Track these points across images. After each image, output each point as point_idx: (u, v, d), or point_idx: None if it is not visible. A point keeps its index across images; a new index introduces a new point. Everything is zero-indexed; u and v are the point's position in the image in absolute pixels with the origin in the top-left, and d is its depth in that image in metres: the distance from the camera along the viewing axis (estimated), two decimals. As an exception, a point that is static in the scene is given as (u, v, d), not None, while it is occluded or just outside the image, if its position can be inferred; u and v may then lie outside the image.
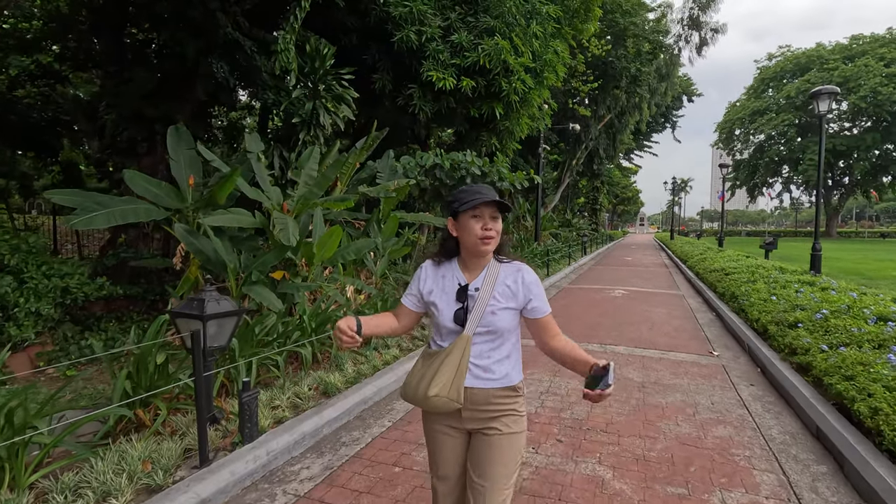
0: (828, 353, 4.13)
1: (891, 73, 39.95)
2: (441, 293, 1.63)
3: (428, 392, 1.53)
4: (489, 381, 1.58)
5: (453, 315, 1.59)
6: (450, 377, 1.54)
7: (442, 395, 1.53)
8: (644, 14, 22.22)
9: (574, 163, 25.66)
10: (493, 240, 1.57)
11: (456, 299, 1.60)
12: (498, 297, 1.59)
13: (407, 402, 1.67)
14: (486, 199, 1.52)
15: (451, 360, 1.56)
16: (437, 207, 11.65)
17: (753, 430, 3.52)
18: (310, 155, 6.43)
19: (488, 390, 1.58)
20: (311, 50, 7.24)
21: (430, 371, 1.56)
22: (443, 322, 1.61)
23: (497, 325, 1.57)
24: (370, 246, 6.42)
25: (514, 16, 9.93)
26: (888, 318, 4.69)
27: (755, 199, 55.65)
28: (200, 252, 4.94)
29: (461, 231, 1.59)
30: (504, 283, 1.61)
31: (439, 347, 1.62)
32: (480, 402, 1.58)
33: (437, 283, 1.66)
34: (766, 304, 6.34)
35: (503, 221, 1.63)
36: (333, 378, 4.01)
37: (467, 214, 1.55)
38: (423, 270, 1.72)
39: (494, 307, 1.57)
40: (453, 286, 1.62)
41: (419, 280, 1.71)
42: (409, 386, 1.63)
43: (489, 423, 1.59)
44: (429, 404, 1.57)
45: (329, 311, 4.89)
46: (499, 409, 1.59)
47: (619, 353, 5.60)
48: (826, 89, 8.64)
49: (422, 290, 1.68)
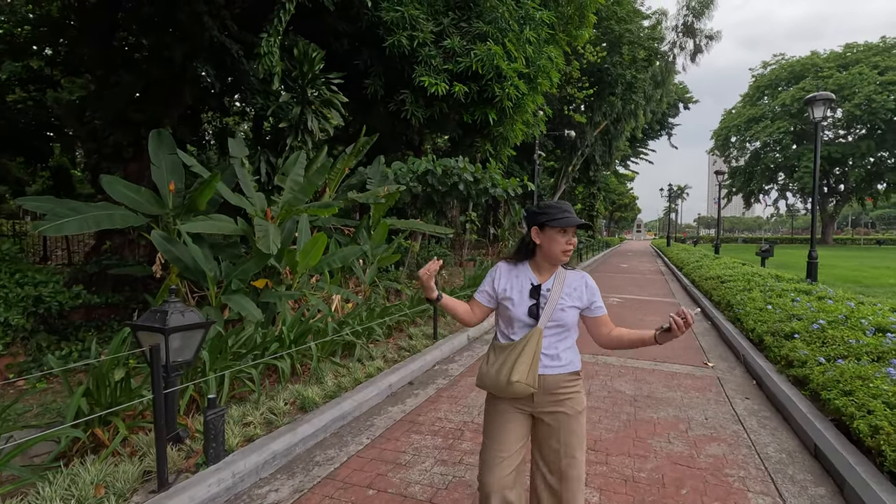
0: (825, 366, 3.98)
1: (885, 81, 40.18)
2: (515, 290, 1.87)
3: (511, 378, 1.76)
4: (558, 367, 1.83)
5: (527, 310, 1.83)
6: (528, 365, 1.78)
7: (522, 381, 1.76)
8: (639, 21, 22.26)
9: (570, 169, 25.62)
10: (572, 252, 1.86)
11: (529, 296, 1.84)
12: (565, 297, 1.85)
13: (485, 389, 1.89)
14: (577, 223, 1.79)
15: (528, 350, 1.79)
16: (429, 214, 11.52)
17: (748, 447, 3.36)
18: (296, 160, 6.29)
19: (558, 376, 1.83)
20: (299, 54, 7.12)
21: (510, 360, 1.79)
22: (517, 315, 1.84)
23: (565, 320, 1.83)
24: (357, 253, 6.27)
25: (507, 21, 9.86)
26: (887, 329, 4.55)
27: (751, 205, 55.75)
28: (178, 260, 4.78)
29: (546, 241, 1.84)
30: (571, 286, 1.88)
31: (509, 340, 1.85)
32: (551, 387, 1.82)
33: (511, 281, 1.90)
34: (761, 313, 6.20)
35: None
36: (311, 392, 3.84)
37: (556, 229, 1.81)
38: (498, 270, 1.96)
39: (563, 304, 1.83)
40: (526, 285, 1.87)
41: (494, 279, 1.94)
42: (488, 375, 1.84)
43: (558, 406, 1.83)
44: (510, 390, 1.78)
45: (310, 321, 4.72)
46: (566, 393, 1.84)
47: (612, 364, 5.44)
48: (821, 95, 8.56)
49: (496, 288, 1.92)
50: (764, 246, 16.15)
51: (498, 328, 1.95)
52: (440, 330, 6.31)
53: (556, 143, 24.75)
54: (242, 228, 5.31)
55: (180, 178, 5.72)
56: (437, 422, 3.74)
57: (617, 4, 20.35)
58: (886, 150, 43.89)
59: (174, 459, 2.74)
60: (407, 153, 13.76)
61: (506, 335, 1.89)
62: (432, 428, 3.62)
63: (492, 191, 10.11)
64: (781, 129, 45.83)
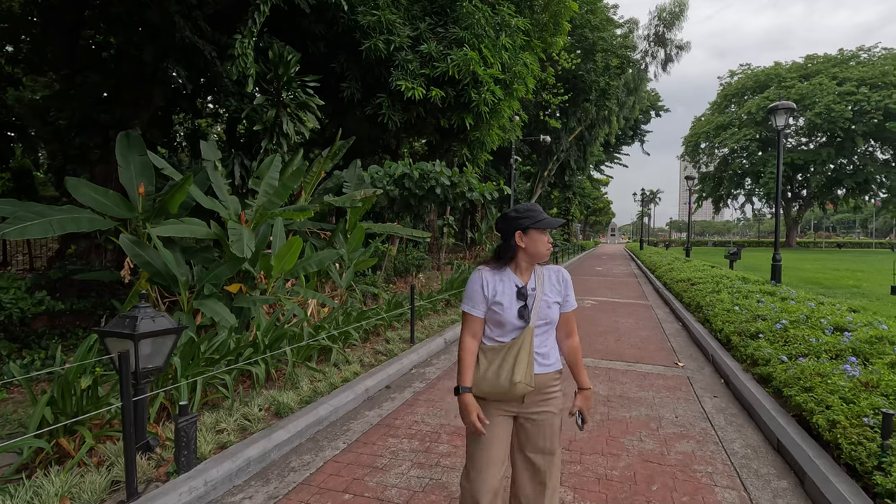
0: (787, 364, 4.15)
1: (843, 92, 42.08)
2: (503, 295, 1.87)
3: (514, 379, 1.79)
4: (547, 366, 1.88)
5: (517, 312, 1.85)
6: (526, 365, 1.81)
7: (524, 382, 1.79)
8: (612, 30, 22.79)
9: (546, 174, 25.98)
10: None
11: (517, 299, 1.86)
12: (548, 293, 1.91)
13: (483, 395, 1.85)
14: (560, 223, 1.94)
15: (524, 350, 1.82)
16: (406, 218, 11.51)
17: (716, 444, 3.47)
18: (270, 163, 6.22)
19: (547, 374, 1.88)
20: (274, 56, 7.05)
21: (509, 361, 1.81)
22: (508, 319, 1.85)
23: (552, 316, 1.89)
24: (333, 257, 6.23)
25: (483, 27, 9.97)
26: (844, 328, 4.77)
27: (720, 210, 57.49)
28: (148, 264, 4.67)
29: (531, 242, 1.89)
30: (550, 280, 1.94)
31: (499, 343, 1.87)
32: (542, 386, 1.87)
33: (497, 286, 1.90)
34: (729, 314, 6.41)
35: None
36: (287, 397, 3.80)
37: (538, 231, 1.88)
38: (483, 278, 1.93)
39: (548, 301, 1.89)
40: (511, 288, 1.89)
41: (483, 287, 1.91)
42: (486, 380, 1.83)
43: (546, 406, 1.88)
44: (513, 391, 1.80)
45: (285, 326, 4.67)
46: (552, 393, 1.90)
47: (586, 364, 5.54)
48: (783, 105, 8.93)
49: (487, 296, 1.89)
50: (732, 249, 16.69)
51: (486, 333, 1.93)
52: (417, 333, 6.31)
53: (532, 148, 25.08)
54: (216, 232, 5.22)
55: (150, 181, 5.58)
56: (413, 425, 3.75)
57: (591, 13, 20.79)
58: (845, 158, 45.95)
59: (144, 469, 2.68)
60: (385, 157, 13.73)
61: (492, 338, 1.89)
62: (409, 431, 3.62)
63: (469, 195, 10.18)
64: (748, 137, 47.47)
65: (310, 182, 7.59)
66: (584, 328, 7.51)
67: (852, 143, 43.74)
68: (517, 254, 1.92)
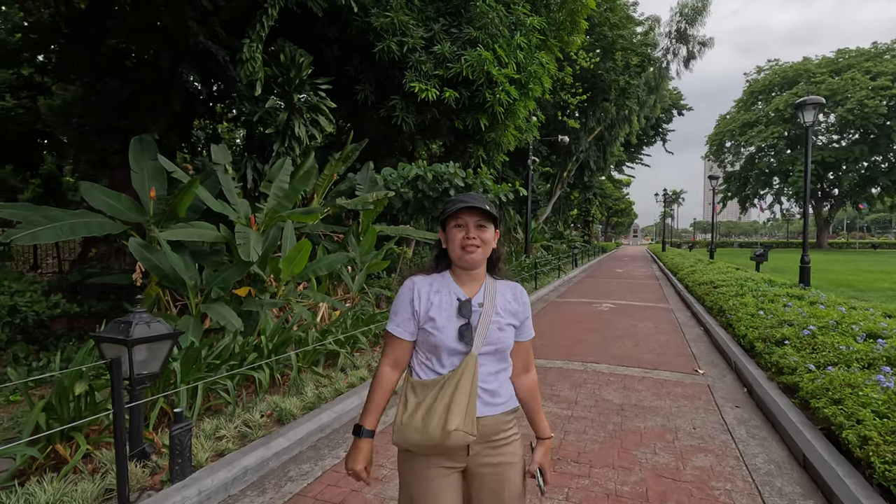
0: (815, 374, 3.91)
1: (877, 87, 40.46)
2: (439, 309, 1.42)
3: (447, 426, 1.30)
4: (497, 406, 1.43)
5: (457, 332, 1.39)
6: (465, 406, 1.33)
7: (461, 430, 1.31)
8: (632, 27, 22.36)
9: (565, 175, 25.63)
10: (478, 249, 1.41)
11: (458, 314, 1.41)
12: (501, 313, 1.45)
13: (407, 447, 1.37)
14: (465, 206, 1.39)
15: (463, 385, 1.35)
16: (420, 220, 11.45)
17: (736, 458, 3.27)
18: (281, 166, 6.21)
19: (498, 416, 1.42)
20: (285, 59, 7.06)
21: (442, 401, 1.34)
22: (444, 342, 1.39)
23: (505, 341, 1.43)
24: (343, 260, 6.18)
25: (497, 27, 9.84)
26: (878, 334, 4.49)
27: (747, 210, 55.92)
28: (157, 268, 4.68)
29: (447, 241, 1.45)
30: (504, 297, 1.49)
31: (433, 376, 1.40)
32: (491, 432, 1.41)
33: (432, 298, 1.44)
34: (753, 319, 6.13)
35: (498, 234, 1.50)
36: (290, 403, 3.74)
37: (451, 224, 1.43)
38: (414, 288, 1.47)
39: (500, 323, 1.43)
40: (451, 301, 1.43)
41: (413, 300, 1.45)
42: (411, 427, 1.34)
43: (498, 456, 1.42)
44: (447, 443, 1.32)
45: (292, 330, 4.62)
46: (506, 438, 1.44)
47: (601, 371, 5.35)
48: (811, 100, 8.55)
49: (418, 310, 1.44)
50: (758, 251, 16.13)
51: (416, 360, 1.47)
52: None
53: (550, 149, 24.76)
54: (225, 236, 5.22)
55: (162, 185, 5.63)
56: (418, 433, 3.64)
57: (610, 11, 20.44)
58: (879, 155, 44.17)
59: (138, 476, 2.64)
60: (401, 159, 13.71)
61: (429, 368, 1.43)
62: (413, 440, 3.52)
63: (483, 196, 10.04)
64: (775, 134, 46.07)
65: (322, 185, 7.58)
66: (601, 332, 7.29)
67: (888, 139, 41.98)
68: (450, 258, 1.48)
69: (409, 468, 1.42)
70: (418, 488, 1.39)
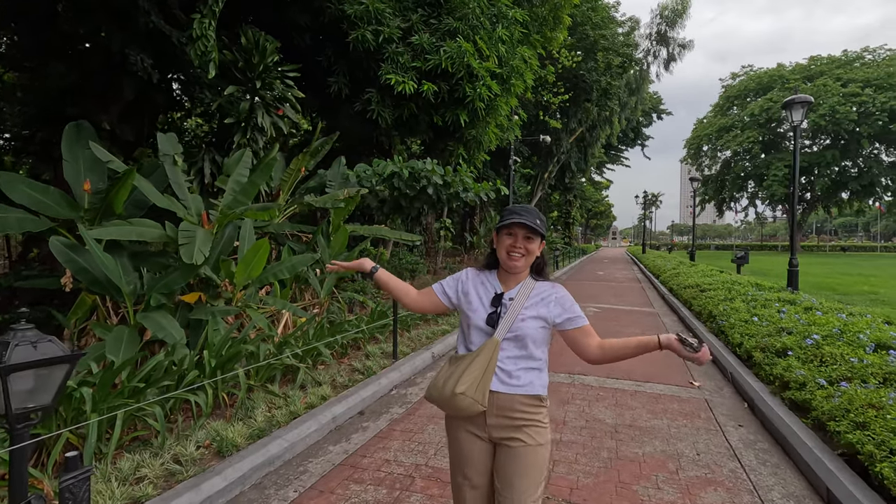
0: (828, 390, 3.52)
1: (847, 93, 41.45)
2: (477, 296, 1.74)
3: (455, 389, 1.58)
4: (514, 386, 1.64)
5: (486, 317, 1.68)
6: (477, 377, 1.60)
7: (468, 395, 1.58)
8: (614, 28, 22.22)
9: (546, 176, 25.37)
10: (521, 258, 1.67)
11: (490, 304, 1.70)
12: (528, 307, 1.68)
13: (431, 402, 1.70)
14: (515, 221, 1.64)
15: (479, 361, 1.63)
16: (397, 220, 10.91)
17: (750, 493, 2.84)
18: (239, 158, 5.62)
19: (513, 396, 1.63)
20: (248, 43, 6.47)
21: (459, 370, 1.63)
22: (475, 321, 1.70)
23: (525, 331, 1.65)
24: (309, 262, 5.61)
25: (478, 18, 9.40)
26: (888, 345, 4.15)
27: (723, 213, 56.84)
28: (85, 271, 4.06)
29: (497, 245, 1.74)
30: (539, 296, 1.72)
31: (467, 351, 1.70)
32: (506, 407, 1.63)
33: (476, 287, 1.77)
34: (747, 325, 5.79)
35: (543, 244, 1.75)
36: (234, 431, 3.18)
37: (503, 231, 1.70)
38: (466, 274, 1.84)
39: (525, 315, 1.67)
40: (489, 293, 1.74)
41: (459, 280, 1.82)
42: (436, 386, 1.68)
43: (514, 432, 1.63)
44: (454, 403, 1.60)
45: (242, 343, 4.05)
46: (524, 419, 1.63)
47: (590, 384, 4.91)
48: (799, 98, 8.33)
49: (458, 290, 1.79)
50: (739, 253, 16.07)
51: (460, 339, 1.79)
52: (401, 347, 5.69)
53: (531, 150, 24.47)
54: (171, 235, 4.61)
55: (101, 177, 4.99)
56: (383, 465, 3.12)
57: (592, 10, 20.23)
58: (850, 160, 45.26)
59: (17, 541, 2.06)
60: (380, 157, 13.14)
61: (465, 346, 1.74)
62: (377, 475, 3.00)
63: (463, 195, 9.57)
64: (750, 139, 46.83)
65: (288, 180, 7.00)
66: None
67: (857, 145, 43.06)
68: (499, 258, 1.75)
69: (449, 428, 1.77)
70: (453, 445, 1.75)
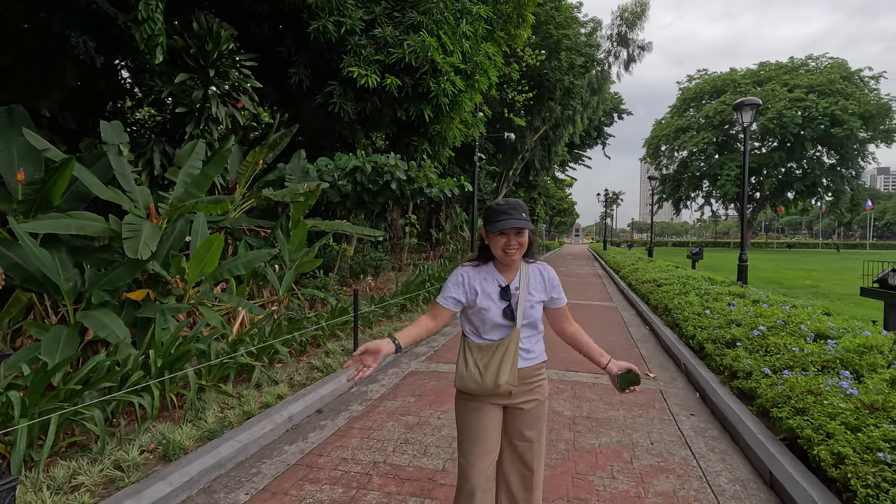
0: (772, 379, 3.69)
1: (793, 98, 43.80)
2: (485, 294, 1.84)
3: (498, 380, 1.78)
4: (530, 359, 1.88)
5: (502, 312, 1.82)
6: (511, 365, 1.80)
7: (508, 382, 1.79)
8: (577, 28, 22.60)
9: (511, 173, 25.63)
10: (517, 252, 1.81)
11: (500, 298, 1.83)
12: (532, 293, 1.87)
13: (467, 391, 1.85)
14: (509, 227, 1.73)
15: (511, 351, 1.81)
16: (360, 215, 10.76)
17: (699, 478, 2.94)
18: (192, 150, 5.38)
19: (530, 367, 1.88)
20: (200, 29, 6.19)
21: (495, 362, 1.80)
22: (491, 318, 1.83)
23: (535, 316, 1.87)
24: (266, 257, 5.44)
25: (442, 13, 9.33)
26: (826, 335, 4.38)
27: (680, 211, 59.04)
28: (18, 267, 3.79)
29: (490, 243, 1.83)
30: (535, 279, 1.90)
31: (487, 340, 1.84)
32: (526, 377, 1.87)
33: (480, 283, 1.85)
34: (700, 318, 6.00)
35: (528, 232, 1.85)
36: (181, 433, 3.04)
37: (495, 232, 1.77)
38: (465, 276, 1.87)
39: (532, 301, 1.86)
40: (494, 287, 1.85)
41: (462, 285, 1.86)
42: (471, 378, 1.81)
43: (531, 395, 1.88)
44: (497, 391, 1.80)
45: (192, 341, 3.88)
46: (536, 382, 1.89)
47: (549, 377, 4.97)
48: (749, 100, 8.70)
49: (467, 291, 1.85)
50: (694, 249, 16.70)
51: (468, 327, 1.91)
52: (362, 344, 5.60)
53: (497, 147, 24.66)
54: (114, 229, 4.36)
55: (38, 167, 4.67)
56: (340, 464, 3.05)
57: (556, 10, 20.51)
58: (795, 161, 47.86)
59: (-70, 560, 1.89)
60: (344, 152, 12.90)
61: (479, 335, 1.87)
62: (333, 474, 2.93)
63: (427, 191, 9.51)
64: (705, 140, 48.82)
65: (245, 173, 6.76)
66: (546, 333, 6.98)
67: (801, 147, 45.59)
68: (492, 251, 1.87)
69: (465, 403, 1.89)
70: (473, 416, 1.85)
